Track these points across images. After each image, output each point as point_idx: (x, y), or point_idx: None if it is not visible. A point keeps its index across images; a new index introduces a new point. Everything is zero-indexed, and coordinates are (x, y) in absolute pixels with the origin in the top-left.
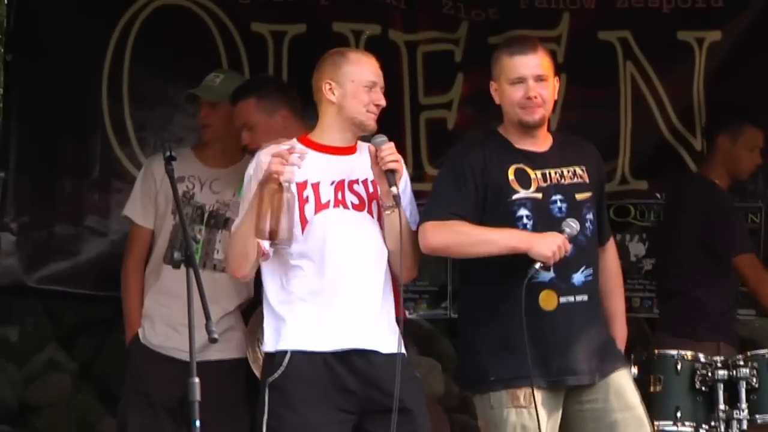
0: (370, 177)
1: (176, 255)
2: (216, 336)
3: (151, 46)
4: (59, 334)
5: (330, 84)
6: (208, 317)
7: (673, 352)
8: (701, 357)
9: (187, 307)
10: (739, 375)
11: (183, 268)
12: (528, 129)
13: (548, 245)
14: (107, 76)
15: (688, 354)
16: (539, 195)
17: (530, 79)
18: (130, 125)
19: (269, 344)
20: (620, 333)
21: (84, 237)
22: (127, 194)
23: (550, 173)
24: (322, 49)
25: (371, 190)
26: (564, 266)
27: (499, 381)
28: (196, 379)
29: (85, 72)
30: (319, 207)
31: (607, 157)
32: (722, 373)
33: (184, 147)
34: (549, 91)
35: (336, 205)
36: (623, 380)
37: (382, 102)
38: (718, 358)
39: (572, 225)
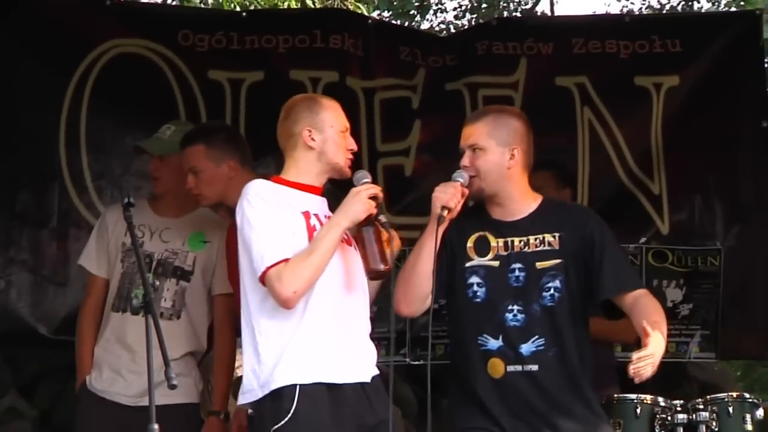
0: None
1: (134, 302)
2: (175, 383)
3: (109, 94)
4: (19, 381)
5: (310, 131)
6: (167, 364)
7: (633, 396)
8: (660, 401)
9: (133, 355)
10: (698, 419)
11: (130, 316)
12: (485, 199)
13: (438, 195)
14: (65, 124)
15: (648, 398)
16: (496, 263)
17: (466, 150)
18: (88, 174)
19: (265, 387)
20: (656, 344)
21: (42, 286)
22: (85, 243)
23: (513, 242)
24: (280, 97)
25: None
26: (512, 335)
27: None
28: (156, 426)
29: (43, 120)
30: None
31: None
32: (682, 417)
33: (141, 197)
34: (485, 159)
35: (343, 242)
36: None
37: (355, 147)
38: (677, 402)
39: (462, 174)
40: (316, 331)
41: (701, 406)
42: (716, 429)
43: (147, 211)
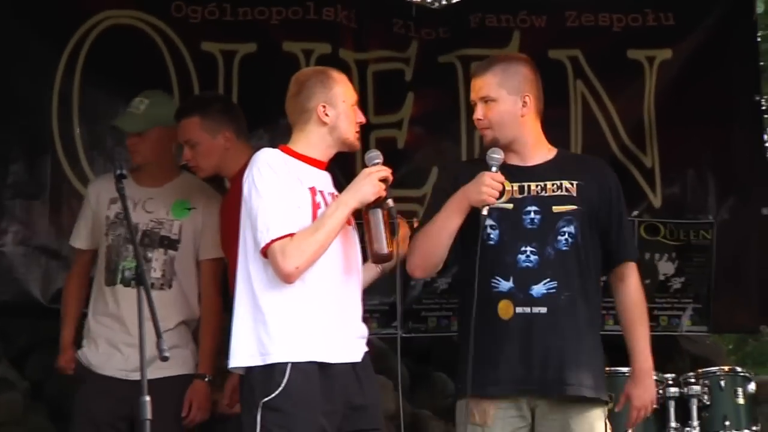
0: None
1: (127, 274)
2: (167, 354)
3: (101, 66)
4: (10, 353)
5: (324, 107)
6: (159, 335)
7: (624, 369)
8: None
9: (127, 328)
10: (690, 392)
11: (122, 288)
12: (500, 147)
13: (477, 190)
14: (57, 96)
15: None
16: (510, 206)
17: (477, 103)
18: (80, 145)
19: (257, 358)
20: (644, 392)
21: (35, 257)
22: (77, 214)
23: (529, 186)
24: (273, 69)
25: None
26: (523, 277)
27: (461, 390)
28: (147, 398)
29: (35, 91)
30: None
31: None
32: (673, 390)
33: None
34: (497, 110)
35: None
36: (586, 417)
37: (363, 119)
38: (669, 376)
39: (495, 156)
40: (312, 309)
41: (693, 380)
42: (708, 403)
43: (129, 183)
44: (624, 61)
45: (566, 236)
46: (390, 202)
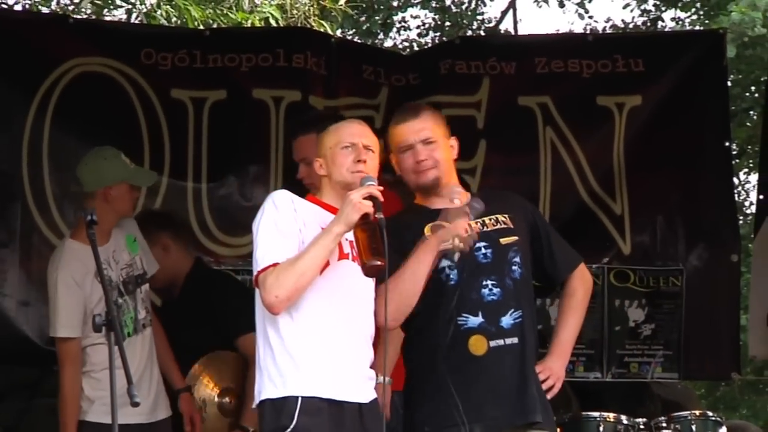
0: None
1: (97, 319)
2: (138, 400)
3: (71, 113)
4: None
5: (318, 161)
6: (129, 381)
7: (595, 414)
8: (623, 419)
9: (126, 376)
10: None
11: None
12: (430, 191)
13: (455, 228)
14: (27, 143)
15: (611, 416)
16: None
17: (417, 144)
18: (50, 193)
19: (272, 390)
20: (553, 363)
21: (4, 305)
22: (46, 262)
23: (470, 224)
24: (242, 116)
25: None
26: (492, 310)
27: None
28: None
29: (5, 139)
30: (342, 255)
31: None
32: None
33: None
34: (440, 152)
35: (353, 259)
36: None
37: (363, 157)
38: (640, 420)
39: (476, 206)
40: (320, 346)
41: (664, 425)
42: None
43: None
44: (593, 108)
45: (517, 266)
46: (380, 215)
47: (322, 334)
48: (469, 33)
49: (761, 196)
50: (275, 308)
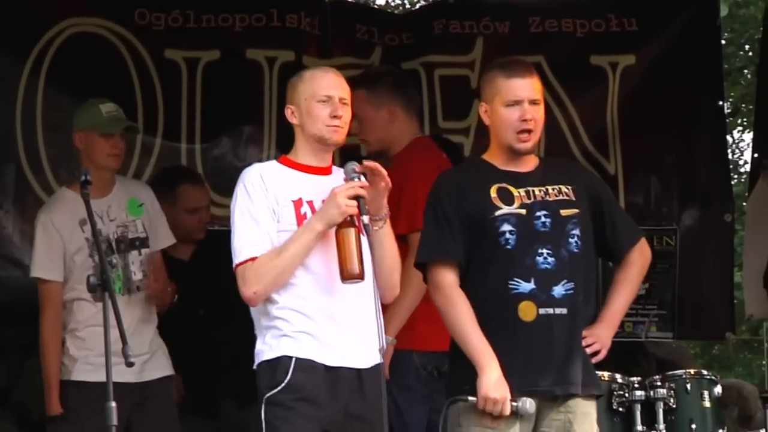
0: None
1: (92, 279)
2: (133, 360)
3: (65, 75)
4: None
5: (290, 108)
6: (124, 342)
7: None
8: (618, 378)
9: (115, 335)
10: (656, 396)
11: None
12: (517, 155)
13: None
14: (21, 105)
15: (605, 375)
16: (523, 211)
17: (526, 102)
18: (44, 154)
19: (267, 352)
20: (601, 330)
21: None
22: None
23: (534, 191)
24: (236, 76)
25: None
26: (545, 278)
27: (471, 390)
28: (113, 404)
29: None
30: None
31: None
32: (639, 393)
33: (62, 190)
34: (541, 114)
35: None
36: (587, 415)
37: (339, 112)
38: (635, 379)
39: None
40: (313, 313)
41: (659, 383)
42: (674, 406)
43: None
44: (587, 67)
45: (575, 239)
46: (365, 218)
47: (315, 301)
48: None
49: (756, 155)
50: (252, 302)
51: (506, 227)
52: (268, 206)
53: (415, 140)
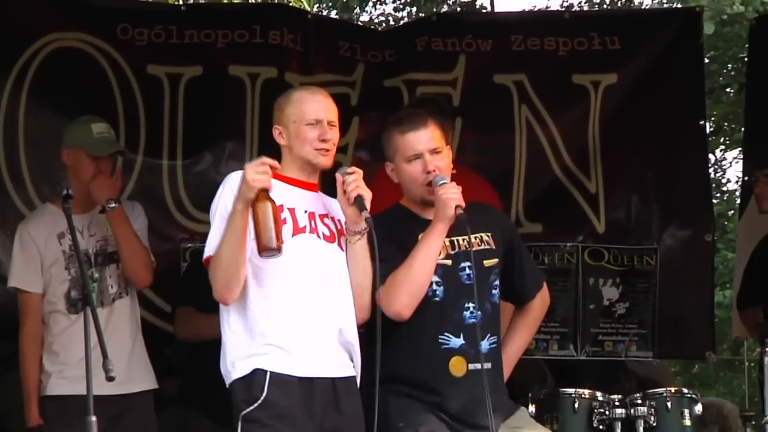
0: (337, 216)
1: (74, 294)
2: (113, 375)
3: (47, 89)
4: None
5: (278, 129)
6: (105, 356)
7: (570, 390)
8: (599, 396)
9: (96, 350)
10: (637, 414)
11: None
12: (431, 203)
13: (445, 204)
14: (3, 119)
15: (586, 393)
16: (449, 262)
17: (426, 154)
18: (26, 168)
19: (240, 369)
20: None
21: None
22: None
23: (458, 241)
24: (218, 92)
25: (339, 226)
26: (472, 333)
27: (408, 426)
28: (93, 418)
29: None
30: (297, 230)
31: (500, 197)
32: (620, 411)
33: (45, 204)
34: (444, 162)
35: (311, 231)
36: (521, 419)
37: (327, 136)
38: (615, 397)
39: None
40: (282, 325)
41: (639, 401)
42: (654, 424)
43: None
44: (569, 86)
45: (496, 289)
46: (365, 214)
47: (282, 313)
48: (446, 8)
49: (746, 178)
50: (219, 299)
51: (433, 278)
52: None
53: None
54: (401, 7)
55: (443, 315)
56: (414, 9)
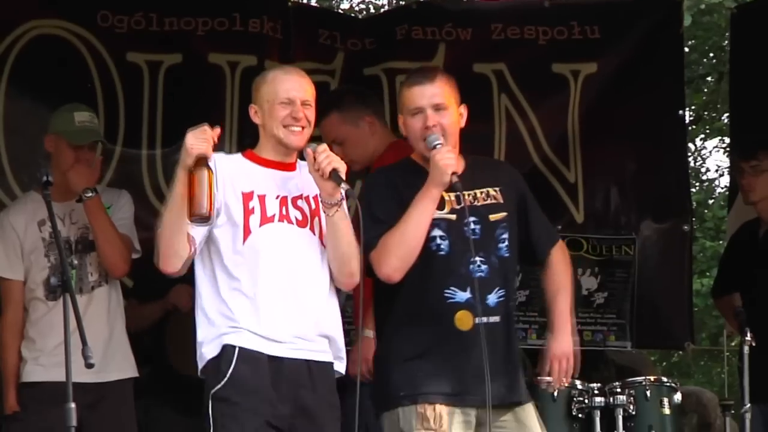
0: (312, 194)
1: (53, 280)
2: (93, 362)
3: (27, 77)
4: None
5: (254, 108)
6: (84, 342)
7: (549, 378)
8: (578, 384)
9: (74, 336)
10: (616, 402)
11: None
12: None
13: (440, 170)
14: None
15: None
16: (453, 216)
17: (428, 109)
18: (5, 157)
19: (209, 351)
20: (559, 344)
21: None
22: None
23: (463, 195)
24: (198, 80)
25: (314, 206)
26: (479, 287)
27: (408, 396)
28: (72, 405)
29: None
30: (265, 220)
31: None
32: (599, 400)
33: (29, 192)
34: (450, 119)
35: (281, 219)
36: (530, 417)
37: (299, 115)
38: (594, 385)
39: (434, 137)
40: (258, 312)
41: (619, 390)
42: (633, 412)
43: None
44: (549, 75)
45: (505, 243)
46: (344, 186)
47: (253, 303)
48: None
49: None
50: (162, 268)
51: (437, 232)
52: (219, 192)
53: (391, 144)
54: None
55: (449, 269)
56: None
